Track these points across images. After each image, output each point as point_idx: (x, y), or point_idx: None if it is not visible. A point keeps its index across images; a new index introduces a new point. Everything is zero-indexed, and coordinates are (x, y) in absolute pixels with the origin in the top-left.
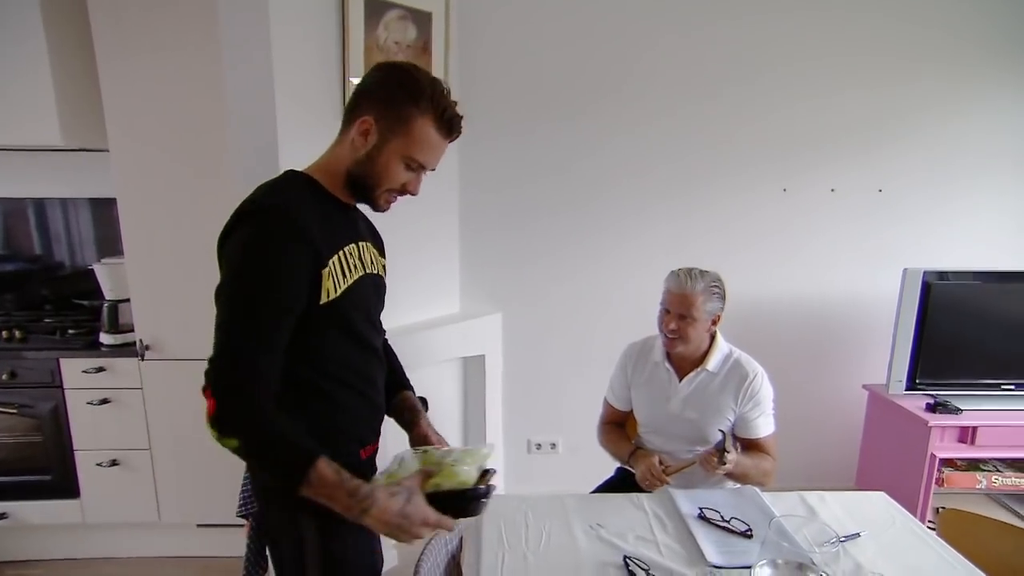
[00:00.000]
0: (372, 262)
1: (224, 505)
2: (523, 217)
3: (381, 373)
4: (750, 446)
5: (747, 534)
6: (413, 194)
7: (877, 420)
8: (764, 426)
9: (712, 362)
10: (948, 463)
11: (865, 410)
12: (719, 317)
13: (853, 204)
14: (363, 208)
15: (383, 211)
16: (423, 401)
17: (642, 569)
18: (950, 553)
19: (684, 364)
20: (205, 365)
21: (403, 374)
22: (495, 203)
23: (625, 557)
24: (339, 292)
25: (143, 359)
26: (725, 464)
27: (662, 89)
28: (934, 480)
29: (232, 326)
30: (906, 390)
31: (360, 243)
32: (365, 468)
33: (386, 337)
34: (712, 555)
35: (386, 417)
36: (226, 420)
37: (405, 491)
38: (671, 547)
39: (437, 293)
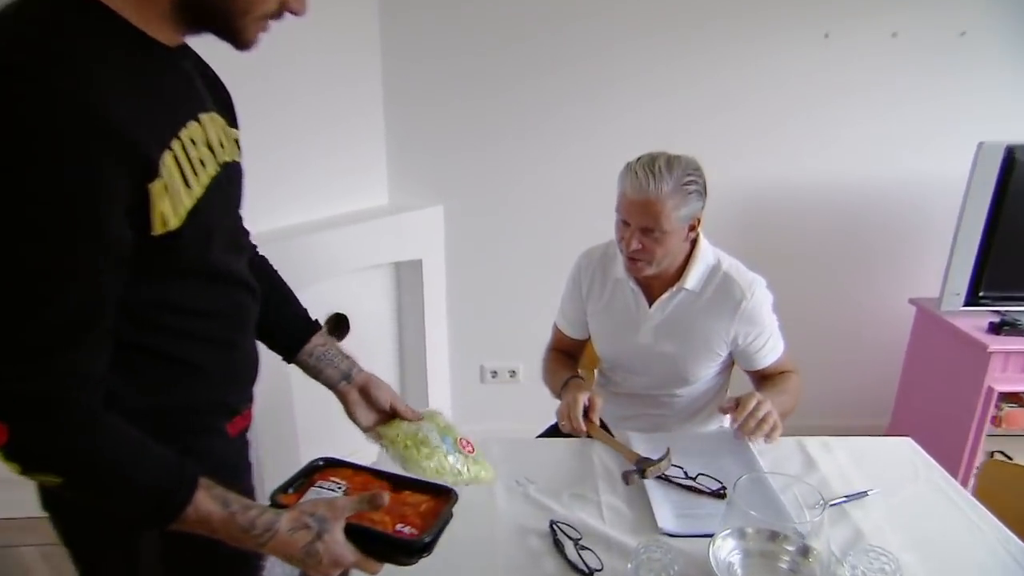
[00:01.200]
0: (223, 143)
1: None
2: (468, 85)
3: (254, 309)
4: (763, 375)
5: (720, 493)
6: (298, 14)
7: (924, 344)
8: (773, 349)
9: (692, 278)
10: (1010, 397)
11: (910, 331)
12: (699, 220)
13: (921, 54)
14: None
15: (250, 48)
16: (341, 321)
17: (571, 539)
18: (980, 515)
19: (655, 282)
20: None
21: (292, 295)
22: (430, 66)
23: (552, 523)
24: (183, 217)
25: None
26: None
27: None
28: (989, 419)
29: (19, 310)
30: (965, 305)
31: (203, 116)
32: (236, 451)
33: (253, 243)
34: (666, 520)
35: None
36: (33, 452)
37: (316, 523)
38: (616, 509)
39: (357, 179)
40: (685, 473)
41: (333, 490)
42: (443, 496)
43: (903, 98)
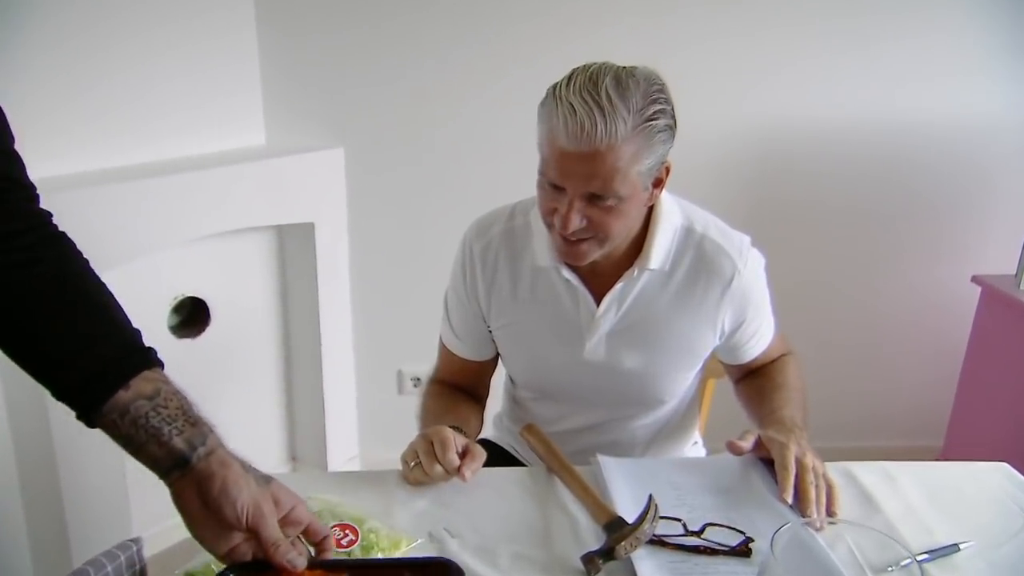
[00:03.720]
0: None
1: None
2: None
3: None
4: (754, 368)
5: (741, 550)
6: None
7: (992, 335)
8: (766, 334)
9: (657, 251)
10: None
11: (973, 317)
12: (669, 169)
13: None
14: None
15: None
16: (197, 309)
17: None
18: None
19: (601, 266)
20: None
21: (108, 302)
22: None
23: None
24: None
25: None
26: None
27: None
28: None
29: None
30: None
31: None
32: None
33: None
34: None
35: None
36: None
37: None
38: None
39: (219, 108)
40: (685, 527)
41: None
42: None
43: (962, 18)
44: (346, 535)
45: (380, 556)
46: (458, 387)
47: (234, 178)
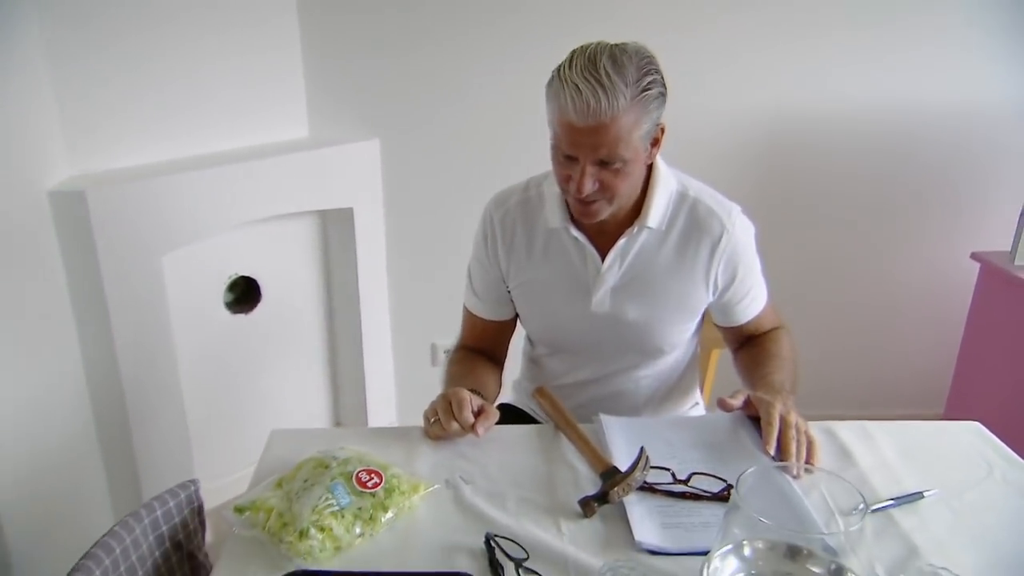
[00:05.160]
0: None
1: None
2: None
3: None
4: (745, 336)
5: (723, 496)
6: None
7: (990, 309)
8: (758, 297)
9: (654, 212)
10: None
11: (972, 294)
12: (664, 129)
13: None
14: None
15: None
16: (249, 287)
17: (512, 560)
18: None
19: (606, 225)
20: None
21: None
22: None
23: (490, 537)
24: None
25: None
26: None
27: None
28: None
29: None
30: None
31: None
32: None
33: None
34: (646, 532)
35: None
36: None
37: None
38: (580, 518)
39: (265, 104)
40: (673, 476)
41: None
42: None
43: (964, 2)
44: (372, 478)
45: (402, 500)
46: (479, 351)
47: (281, 168)
